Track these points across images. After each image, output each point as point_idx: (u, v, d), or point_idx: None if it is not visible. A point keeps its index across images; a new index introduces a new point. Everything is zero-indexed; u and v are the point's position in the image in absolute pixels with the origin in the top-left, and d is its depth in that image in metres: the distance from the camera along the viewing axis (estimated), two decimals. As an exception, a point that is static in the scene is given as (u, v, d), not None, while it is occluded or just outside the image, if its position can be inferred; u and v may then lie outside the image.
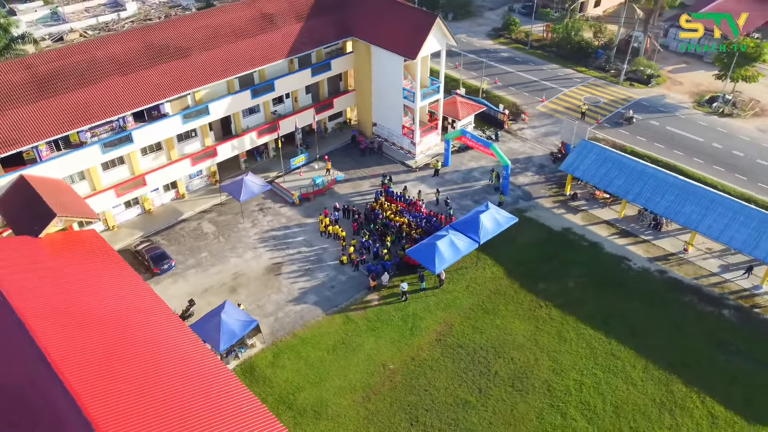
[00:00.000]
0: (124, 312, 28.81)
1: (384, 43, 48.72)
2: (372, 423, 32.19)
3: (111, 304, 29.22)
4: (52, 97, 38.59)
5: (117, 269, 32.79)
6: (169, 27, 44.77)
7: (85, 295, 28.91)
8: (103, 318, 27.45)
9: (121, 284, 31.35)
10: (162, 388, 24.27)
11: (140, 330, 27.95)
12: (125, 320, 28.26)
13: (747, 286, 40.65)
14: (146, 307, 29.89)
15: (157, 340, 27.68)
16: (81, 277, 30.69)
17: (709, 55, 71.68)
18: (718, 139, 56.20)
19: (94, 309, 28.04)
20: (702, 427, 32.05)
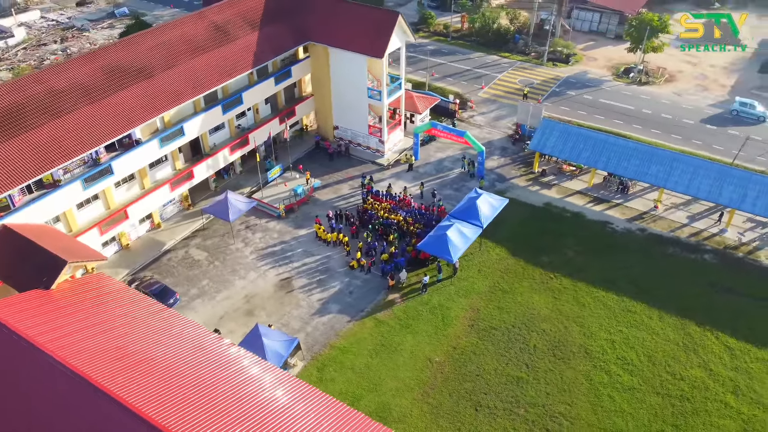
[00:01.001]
0: (188, 351, 26.91)
1: (346, 44, 48.56)
2: (439, 416, 32.48)
3: (170, 344, 27.18)
4: (17, 136, 34.73)
5: (150, 309, 30.39)
6: (124, 48, 41.74)
7: (142, 343, 26.67)
8: (174, 363, 25.47)
9: (165, 322, 29.15)
10: (272, 420, 23.17)
11: (214, 366, 26.28)
12: (194, 359, 26.44)
13: (714, 231, 45.36)
14: (206, 343, 28.07)
15: (235, 372, 26.18)
16: (125, 324, 28.18)
17: (611, 32, 78.47)
18: (645, 105, 61.77)
19: (159, 355, 25.97)
20: (724, 359, 35.59)
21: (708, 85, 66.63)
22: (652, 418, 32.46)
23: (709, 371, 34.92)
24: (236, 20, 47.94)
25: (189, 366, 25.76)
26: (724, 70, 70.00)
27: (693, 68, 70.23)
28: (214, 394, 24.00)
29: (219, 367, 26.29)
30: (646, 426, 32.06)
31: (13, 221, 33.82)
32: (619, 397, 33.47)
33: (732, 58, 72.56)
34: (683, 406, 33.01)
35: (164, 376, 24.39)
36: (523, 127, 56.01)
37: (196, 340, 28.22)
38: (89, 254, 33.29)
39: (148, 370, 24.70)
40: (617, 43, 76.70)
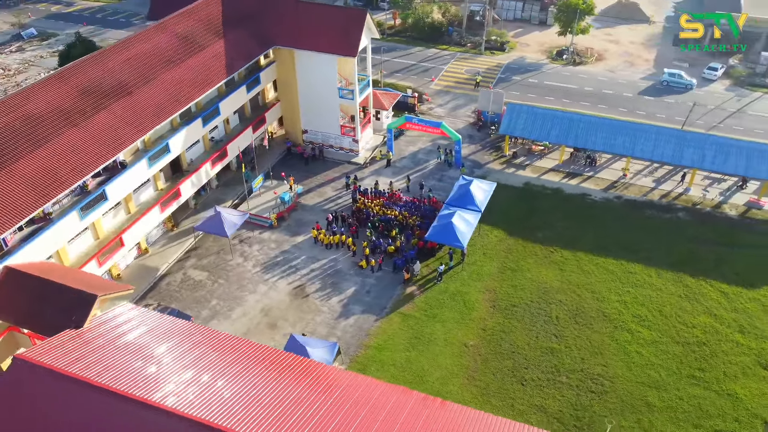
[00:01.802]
0: (294, 379, 25.76)
1: (315, 46, 48.08)
2: (489, 396, 33.26)
3: (261, 370, 25.97)
4: (1, 170, 31.71)
5: (201, 333, 28.86)
6: (94, 65, 39.10)
7: (224, 372, 25.35)
8: (284, 396, 24.15)
9: (227, 343, 27.84)
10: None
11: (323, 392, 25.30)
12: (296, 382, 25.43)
13: (680, 191, 49.29)
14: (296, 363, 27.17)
15: (344, 392, 25.23)
16: (184, 354, 26.61)
17: (535, 19, 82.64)
18: (586, 83, 65.75)
19: (259, 383, 24.66)
20: (723, 304, 38.96)
21: (633, 60, 71.89)
22: (679, 365, 34.97)
23: (714, 316, 38.07)
24: (199, 29, 46.17)
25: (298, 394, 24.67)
26: (643, 46, 75.76)
27: (616, 46, 75.45)
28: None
29: (299, 380, 25.54)
30: (676, 373, 34.50)
31: (10, 263, 30.80)
32: (645, 351, 35.77)
33: (646, 35, 78.78)
34: (702, 351, 35.82)
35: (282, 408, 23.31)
36: (485, 113, 57.91)
37: (282, 362, 27.00)
38: (113, 286, 31.01)
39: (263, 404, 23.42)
40: (542, 28, 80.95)
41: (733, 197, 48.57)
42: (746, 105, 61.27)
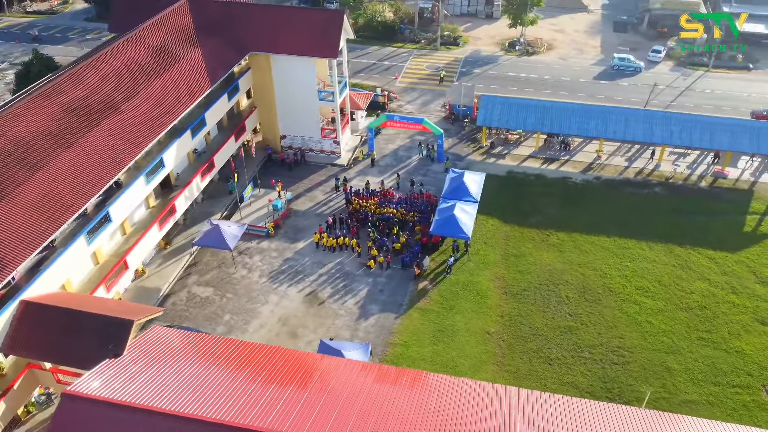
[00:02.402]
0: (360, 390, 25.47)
1: (293, 50, 47.47)
2: (521, 379, 34.18)
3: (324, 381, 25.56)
4: (2, 199, 29.66)
5: (240, 350, 28.13)
6: (73, 82, 37.10)
7: (291, 387, 24.83)
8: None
9: (278, 356, 27.28)
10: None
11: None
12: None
13: (651, 167, 52.14)
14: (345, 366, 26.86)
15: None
16: (247, 373, 25.88)
17: (482, 13, 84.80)
18: (543, 72, 68.20)
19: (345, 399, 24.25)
20: (713, 269, 41.64)
21: (581, 48, 75.15)
22: (687, 329, 37.16)
23: (707, 281, 40.63)
24: (173, 40, 44.64)
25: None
26: (587, 34, 79.33)
27: (563, 35, 78.60)
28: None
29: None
30: (686, 337, 36.65)
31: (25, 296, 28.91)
32: (655, 320, 37.76)
33: (588, 23, 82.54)
34: (704, 314, 38.19)
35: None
36: (456, 106, 59.00)
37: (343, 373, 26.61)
38: (143, 309, 29.62)
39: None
40: (490, 21, 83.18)
41: (698, 169, 51.83)
42: (692, 83, 65.38)
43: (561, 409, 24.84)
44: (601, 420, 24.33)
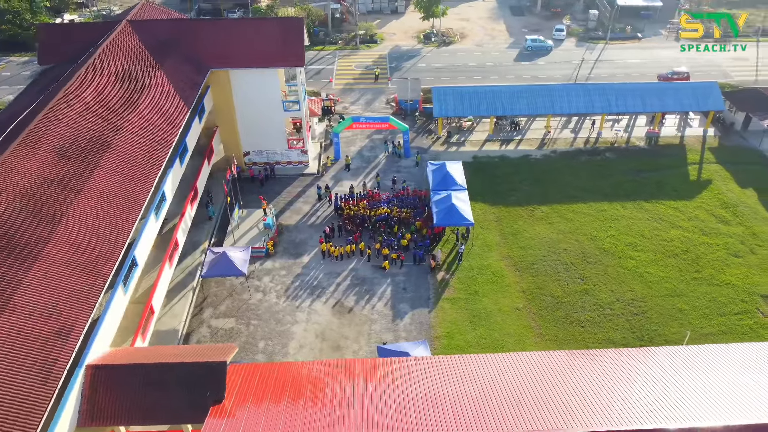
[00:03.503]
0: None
1: (256, 62, 46.14)
2: (563, 344, 36.54)
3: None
4: (33, 263, 26.48)
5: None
6: (52, 123, 33.64)
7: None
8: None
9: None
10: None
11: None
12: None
13: (595, 135, 57.03)
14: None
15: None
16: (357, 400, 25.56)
17: (387, 9, 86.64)
18: (467, 59, 71.54)
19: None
20: (680, 217, 46.76)
21: (491, 33, 79.54)
22: (681, 273, 41.62)
23: (680, 228, 45.61)
24: (131, 65, 41.68)
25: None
26: (491, 20, 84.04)
27: (470, 24, 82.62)
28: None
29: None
30: (683, 279, 41.06)
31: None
32: (652, 269, 41.87)
33: (486, 10, 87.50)
34: (688, 257, 42.96)
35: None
36: (402, 102, 60.35)
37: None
38: (216, 349, 27.88)
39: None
40: (397, 16, 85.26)
41: (634, 132, 57.54)
42: (599, 56, 71.86)
43: (633, 360, 27.36)
44: (668, 361, 27.00)
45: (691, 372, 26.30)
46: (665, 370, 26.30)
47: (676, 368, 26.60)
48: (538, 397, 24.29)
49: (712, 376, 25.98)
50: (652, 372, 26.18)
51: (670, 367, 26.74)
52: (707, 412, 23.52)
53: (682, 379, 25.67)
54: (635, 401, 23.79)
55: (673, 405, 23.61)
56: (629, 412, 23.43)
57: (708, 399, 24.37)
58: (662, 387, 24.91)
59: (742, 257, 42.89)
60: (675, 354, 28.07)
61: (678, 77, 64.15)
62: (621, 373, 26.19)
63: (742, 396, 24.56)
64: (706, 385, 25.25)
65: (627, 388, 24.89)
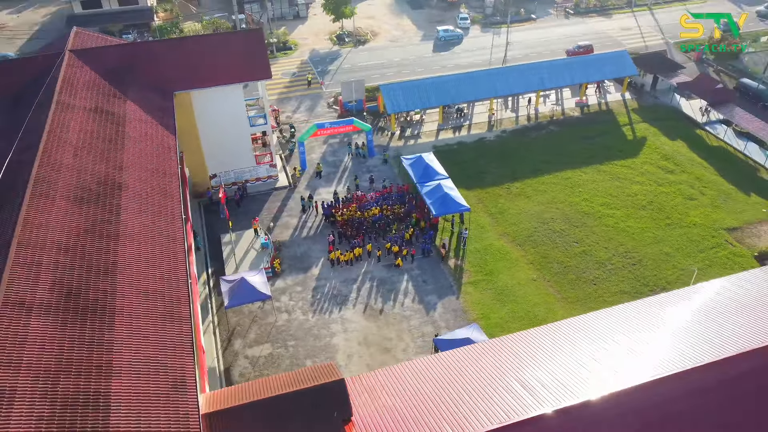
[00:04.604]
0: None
1: (222, 80, 44.29)
2: (585, 303, 39.52)
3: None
4: (117, 315, 24.33)
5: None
6: (52, 168, 30.56)
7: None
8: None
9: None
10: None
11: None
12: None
13: (533, 112, 61.22)
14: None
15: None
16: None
17: (289, 14, 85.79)
18: (390, 56, 73.12)
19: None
20: (633, 173, 51.87)
21: (399, 28, 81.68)
22: (654, 222, 46.37)
23: (637, 183, 50.64)
24: (98, 98, 38.34)
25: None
26: (394, 15, 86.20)
27: (375, 21, 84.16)
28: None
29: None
30: (658, 227, 45.80)
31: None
32: (631, 223, 46.24)
33: (386, 6, 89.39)
34: (655, 207, 47.94)
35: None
36: (346, 103, 60.65)
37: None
38: (318, 370, 27.00)
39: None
40: (302, 21, 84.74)
41: (566, 103, 62.50)
42: (507, 39, 76.52)
43: (686, 299, 30.70)
44: (710, 296, 30.65)
45: (736, 300, 29.93)
46: (720, 303, 29.69)
47: (723, 300, 30.12)
48: (673, 337, 26.58)
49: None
50: (709, 306, 29.43)
51: (717, 300, 30.19)
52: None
53: (737, 305, 29.17)
54: (729, 329, 26.73)
55: (755, 326, 26.81)
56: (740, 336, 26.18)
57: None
58: (732, 315, 28.17)
59: (696, 199, 48.60)
60: (710, 288, 31.66)
61: (584, 50, 70.27)
62: (693, 311, 29.16)
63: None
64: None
65: (711, 321, 27.79)
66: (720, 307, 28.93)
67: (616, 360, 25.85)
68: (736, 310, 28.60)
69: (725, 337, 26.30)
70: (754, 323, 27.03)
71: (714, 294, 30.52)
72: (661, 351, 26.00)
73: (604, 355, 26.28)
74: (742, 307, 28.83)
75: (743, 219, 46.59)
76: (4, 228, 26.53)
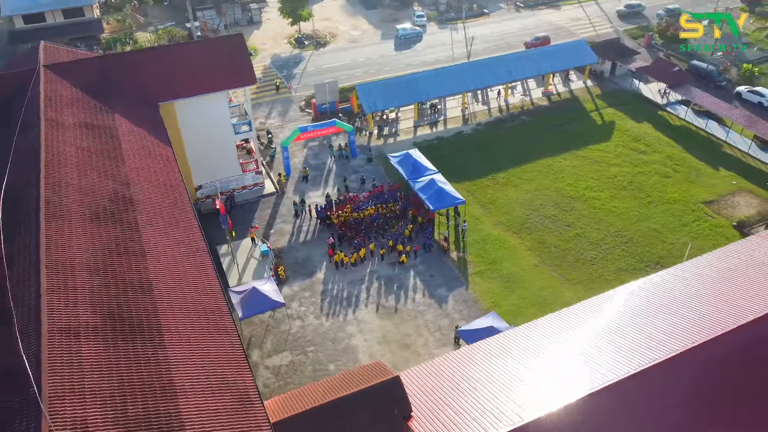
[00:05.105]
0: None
1: (206, 88, 43.20)
2: (589, 283, 40.87)
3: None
4: (165, 346, 23.42)
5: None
6: (60, 189, 29.15)
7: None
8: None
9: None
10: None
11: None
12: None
13: (503, 104, 62.65)
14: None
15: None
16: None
17: (244, 19, 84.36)
18: (353, 57, 73.04)
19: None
20: (608, 154, 53.97)
21: (357, 28, 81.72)
22: (638, 201, 48.45)
23: (615, 165, 52.74)
24: (86, 113, 36.83)
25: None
26: (349, 16, 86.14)
27: (332, 23, 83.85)
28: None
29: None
30: (642, 205, 47.88)
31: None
32: (617, 203, 48.14)
33: (338, 7, 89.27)
34: (635, 186, 50.08)
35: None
36: (320, 106, 60.28)
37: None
38: (370, 369, 26.83)
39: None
40: (256, 26, 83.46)
41: (533, 93, 64.32)
42: (465, 34, 77.96)
43: (696, 269, 32.45)
44: (720, 264, 32.53)
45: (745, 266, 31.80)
46: (731, 269, 31.45)
47: (728, 267, 31.93)
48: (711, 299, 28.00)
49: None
50: (724, 272, 31.15)
51: (725, 267, 31.99)
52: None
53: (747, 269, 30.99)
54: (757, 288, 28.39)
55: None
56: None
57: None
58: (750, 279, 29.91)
59: (671, 177, 51.09)
60: (715, 258, 33.48)
61: (541, 41, 72.41)
62: (713, 278, 30.77)
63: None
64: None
65: (734, 283, 29.42)
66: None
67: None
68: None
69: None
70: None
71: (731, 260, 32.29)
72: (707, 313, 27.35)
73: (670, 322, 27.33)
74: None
75: (716, 192, 49.31)
76: (26, 252, 25.13)
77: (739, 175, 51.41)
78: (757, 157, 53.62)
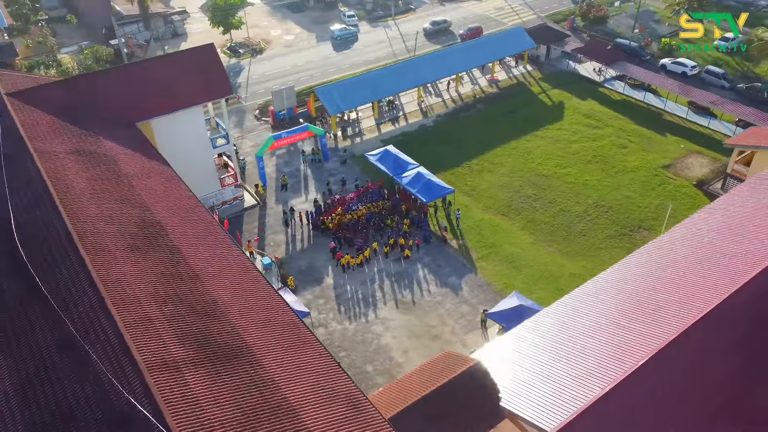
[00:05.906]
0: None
1: (182, 103, 41.30)
2: (586, 254, 43.21)
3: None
4: (265, 367, 22.56)
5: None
6: (83, 222, 27.23)
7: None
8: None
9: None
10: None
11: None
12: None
13: (455, 94, 64.39)
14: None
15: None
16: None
17: (168, 31, 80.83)
18: (296, 61, 72.05)
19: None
20: (565, 133, 56.98)
21: (289, 33, 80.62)
22: (604, 173, 51.59)
23: (575, 141, 55.80)
24: (71, 140, 34.32)
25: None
26: (278, 21, 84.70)
27: (262, 30, 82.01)
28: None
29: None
30: (611, 175, 51.04)
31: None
32: (588, 177, 51.01)
33: (264, 14, 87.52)
34: (600, 159, 53.29)
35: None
36: (277, 113, 59.21)
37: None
38: (446, 359, 26.97)
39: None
40: (183, 38, 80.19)
41: (480, 82, 66.53)
42: (399, 30, 79.08)
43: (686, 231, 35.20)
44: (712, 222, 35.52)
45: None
46: (725, 227, 34.33)
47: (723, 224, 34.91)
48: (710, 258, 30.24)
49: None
50: (718, 231, 33.97)
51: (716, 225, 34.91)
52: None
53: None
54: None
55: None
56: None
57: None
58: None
59: (627, 147, 54.82)
60: (705, 216, 36.43)
61: (474, 32, 74.90)
62: (710, 238, 33.43)
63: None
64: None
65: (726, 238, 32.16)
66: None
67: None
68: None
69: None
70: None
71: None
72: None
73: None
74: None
75: (671, 156, 53.48)
76: (78, 290, 23.12)
77: (684, 139, 55.97)
78: (695, 120, 58.52)
